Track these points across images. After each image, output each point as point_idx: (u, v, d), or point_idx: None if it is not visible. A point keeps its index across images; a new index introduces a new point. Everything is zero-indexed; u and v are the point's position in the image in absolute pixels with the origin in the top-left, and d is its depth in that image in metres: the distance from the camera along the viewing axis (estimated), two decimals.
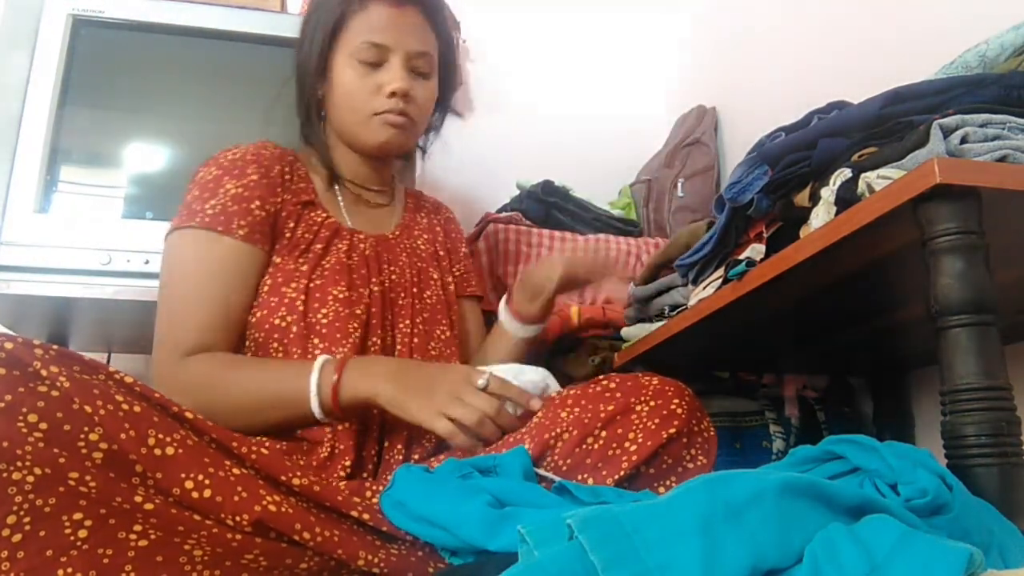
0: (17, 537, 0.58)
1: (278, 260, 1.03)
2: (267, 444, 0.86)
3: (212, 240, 1.00)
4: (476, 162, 1.92)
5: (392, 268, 1.12)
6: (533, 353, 1.25)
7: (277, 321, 0.99)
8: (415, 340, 1.08)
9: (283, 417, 0.92)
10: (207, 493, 0.68)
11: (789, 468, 0.68)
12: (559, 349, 1.45)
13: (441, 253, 1.24)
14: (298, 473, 0.77)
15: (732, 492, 0.51)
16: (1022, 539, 0.60)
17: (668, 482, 0.84)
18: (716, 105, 1.93)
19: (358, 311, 1.03)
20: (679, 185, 1.77)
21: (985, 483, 0.63)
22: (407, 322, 1.08)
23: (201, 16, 1.59)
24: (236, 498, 0.69)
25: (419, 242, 1.20)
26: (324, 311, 1.01)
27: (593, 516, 0.49)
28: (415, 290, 1.13)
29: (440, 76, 1.17)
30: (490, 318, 1.66)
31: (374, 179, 1.19)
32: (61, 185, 1.47)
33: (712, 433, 0.88)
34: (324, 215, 1.09)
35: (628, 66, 2.15)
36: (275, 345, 0.99)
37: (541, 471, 0.83)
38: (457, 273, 1.27)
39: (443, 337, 1.12)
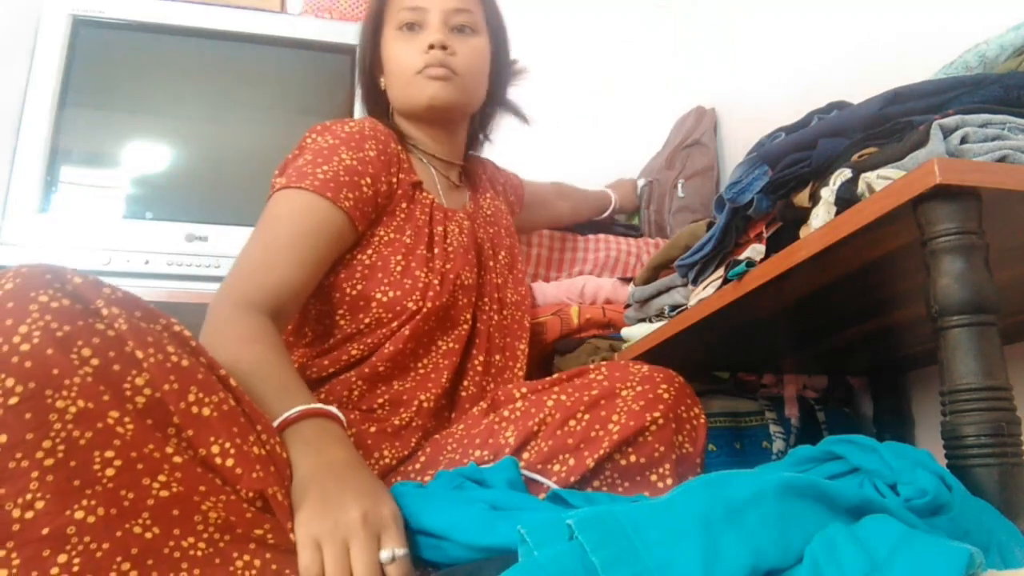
0: (49, 461, 0.59)
1: (407, 240, 1.06)
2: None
3: (317, 203, 0.99)
4: None
5: (479, 242, 1.17)
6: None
7: (410, 304, 1.02)
8: (494, 318, 1.14)
9: None
10: (229, 462, 0.68)
11: (789, 468, 0.68)
12: (559, 349, 1.45)
13: (503, 208, 1.29)
14: None
15: (732, 492, 0.51)
16: (1022, 539, 0.60)
17: (661, 471, 0.83)
18: (715, 106, 1.94)
19: (472, 298, 1.09)
20: (679, 186, 1.77)
21: (985, 483, 0.63)
22: (494, 295, 1.15)
23: (201, 16, 1.59)
24: (254, 475, 0.69)
25: (488, 210, 1.24)
26: (447, 298, 1.05)
27: (593, 516, 0.49)
28: (491, 262, 1.17)
29: (492, 39, 1.20)
30: None
31: (447, 155, 1.21)
32: (61, 185, 1.47)
33: (702, 421, 0.87)
34: (430, 197, 1.12)
35: (628, 67, 2.15)
36: (394, 324, 1.02)
37: (530, 473, 0.82)
38: (512, 198, 1.37)
39: (516, 298, 1.19)
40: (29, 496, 0.58)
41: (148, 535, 0.63)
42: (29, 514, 0.58)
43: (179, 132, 1.59)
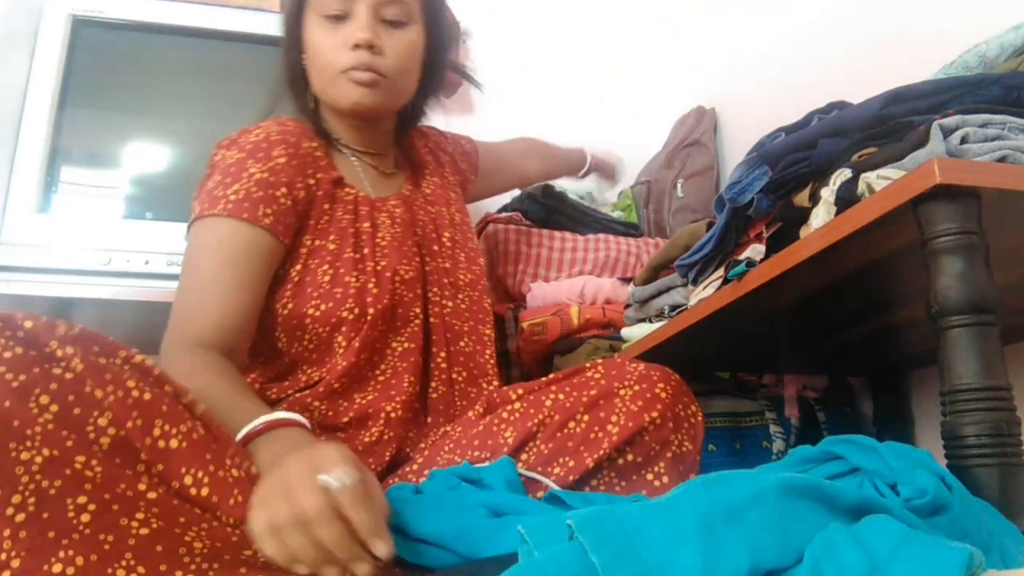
0: (20, 517, 0.58)
1: (332, 247, 1.00)
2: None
3: (236, 228, 0.95)
4: None
5: (419, 227, 1.11)
6: None
7: (345, 314, 0.97)
8: (447, 305, 1.08)
9: None
10: (204, 492, 0.67)
11: (789, 468, 0.68)
12: (559, 349, 1.45)
13: (451, 180, 1.23)
14: None
15: (732, 493, 0.51)
16: (1022, 539, 0.60)
17: (656, 469, 0.82)
18: (715, 106, 1.93)
19: (419, 290, 1.04)
20: (679, 186, 1.77)
21: (985, 483, 0.63)
22: (444, 281, 1.09)
23: (201, 16, 1.59)
24: (232, 501, 0.68)
25: (427, 190, 1.17)
26: (387, 300, 1.00)
27: (593, 516, 0.49)
28: (435, 247, 1.11)
29: (427, 26, 1.08)
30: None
31: (374, 145, 1.13)
32: (61, 185, 1.47)
33: (700, 419, 0.87)
34: (353, 191, 1.06)
35: (628, 67, 2.15)
36: (340, 339, 0.98)
37: (527, 472, 0.82)
38: (464, 166, 1.30)
39: (469, 278, 1.13)
40: (3, 556, 0.57)
41: None
42: (6, 574, 0.56)
43: (179, 132, 1.59)
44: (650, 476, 0.83)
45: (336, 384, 0.97)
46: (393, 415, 0.98)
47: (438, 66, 1.15)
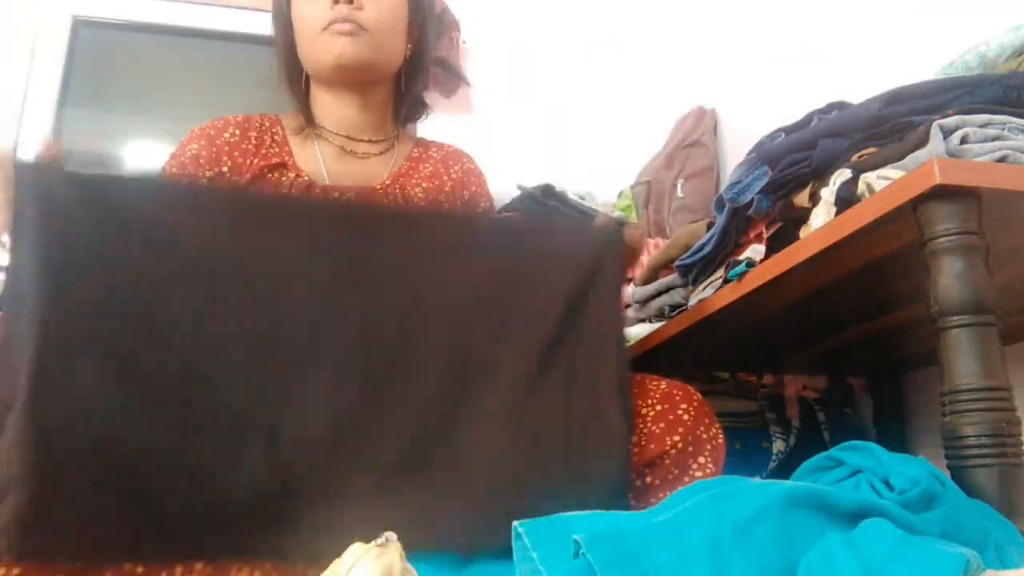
0: None
1: None
2: None
3: None
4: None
5: None
6: None
7: None
8: None
9: None
10: None
11: (797, 479, 0.68)
12: None
13: (447, 190, 1.13)
14: None
15: (739, 508, 0.50)
16: (1020, 539, 0.59)
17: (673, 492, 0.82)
18: (715, 106, 1.93)
19: None
20: (679, 186, 1.77)
21: (985, 484, 0.63)
22: None
23: (201, 17, 1.60)
24: None
25: (416, 190, 1.09)
26: None
27: (602, 535, 0.49)
28: None
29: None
30: None
31: (362, 125, 1.09)
32: None
33: (720, 441, 0.85)
34: (293, 176, 1.02)
35: (628, 67, 2.15)
36: None
37: None
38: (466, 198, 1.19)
39: None
40: (3, 571, 0.58)
41: (139, 569, 0.64)
42: None
43: (179, 132, 1.59)
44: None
45: None
46: None
47: (426, 30, 1.12)
